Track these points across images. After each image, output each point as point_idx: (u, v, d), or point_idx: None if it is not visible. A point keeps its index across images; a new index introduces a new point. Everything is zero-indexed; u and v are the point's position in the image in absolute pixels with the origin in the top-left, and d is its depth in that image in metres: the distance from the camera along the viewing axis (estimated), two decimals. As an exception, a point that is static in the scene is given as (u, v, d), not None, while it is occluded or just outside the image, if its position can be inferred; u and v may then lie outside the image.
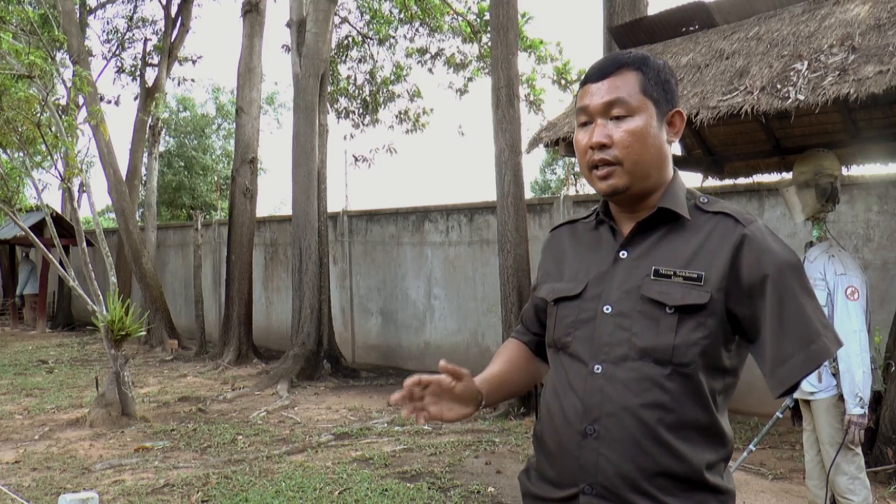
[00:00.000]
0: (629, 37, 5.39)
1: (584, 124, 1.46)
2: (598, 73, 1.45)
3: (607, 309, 1.42)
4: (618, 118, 1.41)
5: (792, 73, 4.02)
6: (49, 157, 7.15)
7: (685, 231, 1.43)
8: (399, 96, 14.63)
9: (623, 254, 1.45)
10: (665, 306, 1.36)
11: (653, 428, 1.34)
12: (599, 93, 1.43)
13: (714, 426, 1.39)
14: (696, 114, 4.20)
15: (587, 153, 1.44)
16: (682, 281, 1.37)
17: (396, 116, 14.68)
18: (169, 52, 14.31)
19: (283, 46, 12.89)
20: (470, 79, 14.24)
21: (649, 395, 1.35)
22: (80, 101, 9.40)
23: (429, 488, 4.65)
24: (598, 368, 1.39)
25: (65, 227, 12.27)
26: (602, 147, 1.41)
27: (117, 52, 16.11)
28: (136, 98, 15.20)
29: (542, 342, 1.65)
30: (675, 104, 1.48)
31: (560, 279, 1.54)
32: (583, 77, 1.50)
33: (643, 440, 1.34)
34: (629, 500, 1.35)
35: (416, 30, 14.00)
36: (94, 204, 7.61)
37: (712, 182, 5.95)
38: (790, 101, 3.86)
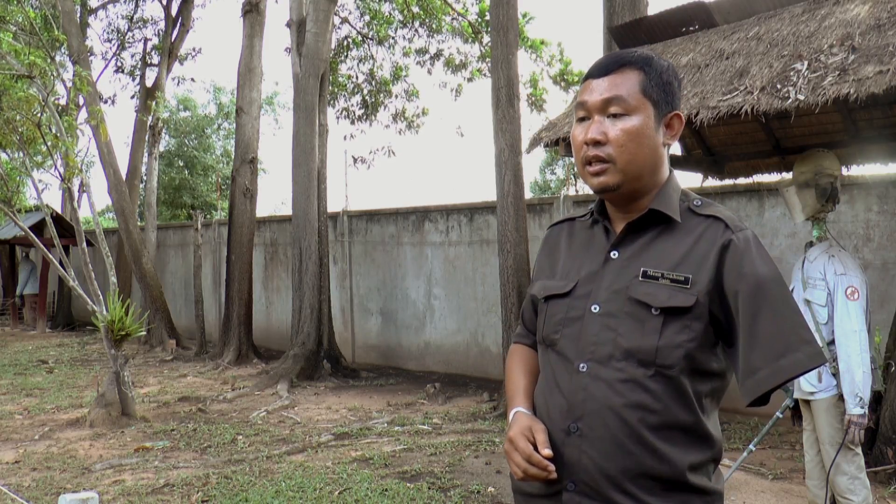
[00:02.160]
0: (629, 37, 5.39)
1: (581, 119, 1.47)
2: (600, 70, 1.46)
3: (595, 308, 1.43)
4: (615, 116, 1.42)
5: (792, 73, 4.03)
6: (49, 158, 7.15)
7: (676, 233, 1.43)
8: (397, 96, 14.64)
9: (614, 254, 1.46)
10: (651, 307, 1.37)
11: (635, 428, 1.35)
12: (599, 89, 1.43)
13: (699, 428, 1.39)
14: (696, 114, 4.21)
15: (582, 149, 1.45)
16: (669, 283, 1.38)
17: (393, 117, 14.68)
18: (169, 51, 14.32)
19: (285, 49, 12.89)
20: (469, 79, 14.24)
21: (632, 396, 1.36)
22: (80, 101, 9.40)
23: (429, 488, 4.65)
24: (583, 367, 1.40)
25: (65, 227, 12.27)
26: (597, 144, 1.42)
27: (118, 52, 16.12)
28: (133, 97, 15.21)
29: None
30: (676, 106, 1.48)
31: (552, 277, 1.55)
32: (587, 71, 1.51)
33: (625, 440, 1.35)
34: (611, 499, 1.35)
35: (416, 30, 14.01)
36: (94, 204, 7.61)
37: (712, 182, 5.96)
38: (790, 101, 3.86)
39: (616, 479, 1.35)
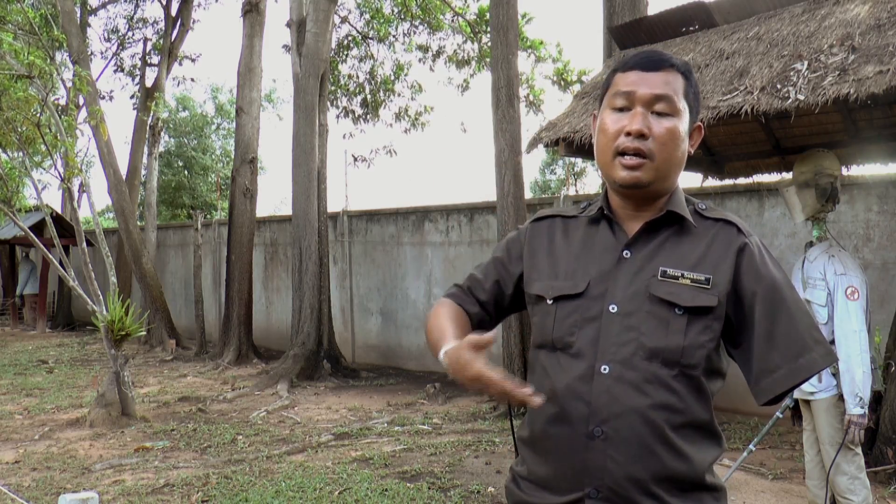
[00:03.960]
0: (629, 37, 5.39)
1: (619, 108, 1.44)
2: (649, 64, 1.44)
3: (613, 308, 1.40)
4: (660, 114, 1.41)
5: (792, 73, 4.03)
6: (49, 157, 7.15)
7: (689, 235, 1.43)
8: (399, 94, 14.63)
9: (627, 253, 1.44)
10: (675, 307, 1.36)
11: (661, 429, 1.34)
12: (649, 83, 1.41)
13: (713, 426, 1.41)
14: (696, 114, 4.20)
15: (618, 138, 1.41)
16: (690, 283, 1.38)
17: (396, 115, 14.66)
18: (169, 51, 14.32)
19: (283, 46, 12.88)
20: (472, 75, 14.23)
21: (658, 396, 1.35)
22: (80, 101, 9.40)
23: (429, 488, 4.65)
24: (605, 369, 1.37)
25: (65, 227, 12.27)
26: (640, 136, 1.39)
27: (117, 52, 16.12)
28: (132, 97, 15.21)
29: (482, 318, 1.60)
30: (698, 119, 1.50)
31: (555, 277, 1.50)
32: (625, 61, 1.48)
33: (652, 441, 1.34)
34: (636, 502, 1.34)
35: (416, 27, 14.00)
36: (94, 204, 7.61)
37: (712, 182, 5.96)
38: (790, 101, 3.86)
39: (643, 483, 1.34)
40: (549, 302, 1.48)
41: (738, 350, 1.40)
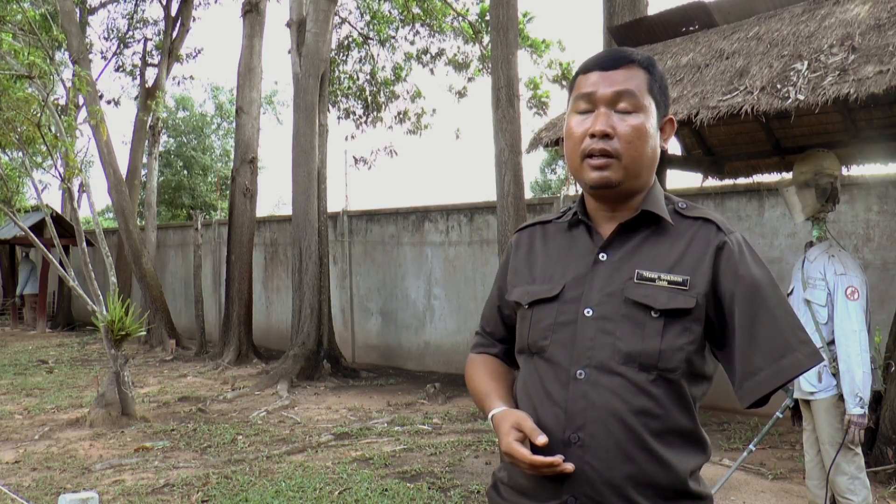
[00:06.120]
0: (629, 37, 5.39)
1: (583, 111, 1.41)
2: (608, 62, 1.41)
3: (588, 312, 1.37)
4: (623, 111, 1.38)
5: (792, 73, 4.03)
6: (49, 157, 7.15)
7: (667, 235, 1.40)
8: (399, 97, 14.62)
9: (603, 256, 1.41)
10: (651, 310, 1.33)
11: (639, 434, 1.31)
12: (609, 82, 1.39)
13: (696, 432, 1.37)
14: (696, 114, 4.20)
15: (584, 141, 1.39)
16: (667, 285, 1.34)
17: (396, 117, 14.65)
18: (169, 51, 14.32)
19: (288, 51, 12.88)
20: (470, 79, 14.22)
21: (636, 401, 1.32)
22: (80, 100, 9.41)
23: (429, 488, 4.65)
24: (580, 374, 1.35)
25: (65, 227, 12.27)
26: (605, 136, 1.36)
27: (118, 52, 16.12)
28: (135, 98, 15.20)
29: (509, 350, 1.60)
30: (668, 112, 1.46)
31: (532, 282, 1.49)
32: (585, 63, 1.45)
33: (630, 447, 1.31)
34: None
35: (417, 31, 13.99)
36: (94, 204, 7.61)
37: (712, 182, 5.96)
38: (790, 101, 3.86)
39: (621, 489, 1.31)
40: (526, 307, 1.47)
41: (722, 352, 1.37)
